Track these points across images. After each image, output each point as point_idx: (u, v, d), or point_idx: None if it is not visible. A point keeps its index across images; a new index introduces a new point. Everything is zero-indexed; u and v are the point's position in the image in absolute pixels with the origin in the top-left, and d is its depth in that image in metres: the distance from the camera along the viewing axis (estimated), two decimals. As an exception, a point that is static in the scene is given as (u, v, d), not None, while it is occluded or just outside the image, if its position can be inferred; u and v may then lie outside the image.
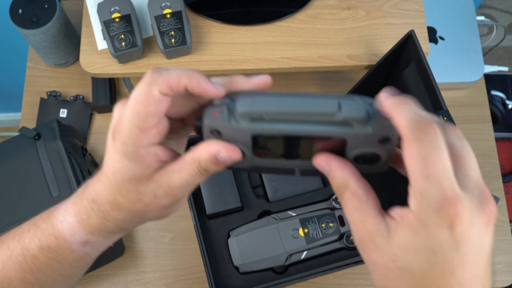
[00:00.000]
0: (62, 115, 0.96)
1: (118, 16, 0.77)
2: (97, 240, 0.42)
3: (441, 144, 0.31)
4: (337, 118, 0.34)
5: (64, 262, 0.43)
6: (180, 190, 0.38)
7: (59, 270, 0.44)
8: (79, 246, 0.42)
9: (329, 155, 0.36)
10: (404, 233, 0.32)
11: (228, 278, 0.80)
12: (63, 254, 0.42)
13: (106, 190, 0.39)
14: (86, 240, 0.42)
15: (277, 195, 0.85)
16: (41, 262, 0.43)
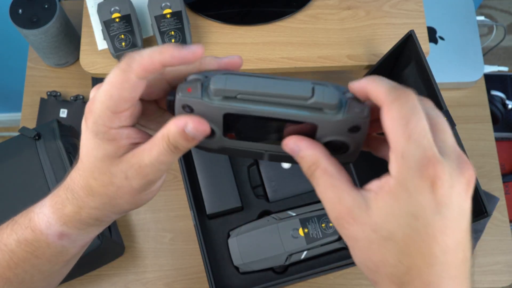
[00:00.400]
0: (62, 115, 0.97)
1: (118, 16, 0.77)
2: (73, 232, 0.41)
3: (420, 107, 0.32)
4: (309, 102, 0.35)
5: (42, 257, 0.42)
6: (151, 169, 0.36)
7: (38, 266, 0.42)
8: (56, 239, 0.41)
9: (299, 136, 0.36)
10: (384, 201, 0.32)
11: (228, 278, 0.80)
12: (40, 248, 0.41)
13: (80, 175, 0.39)
14: (61, 232, 0.41)
15: (277, 195, 0.85)
16: (19, 257, 0.42)
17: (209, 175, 0.83)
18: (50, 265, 0.43)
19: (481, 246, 0.91)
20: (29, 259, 0.42)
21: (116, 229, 0.89)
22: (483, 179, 0.95)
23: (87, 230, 0.42)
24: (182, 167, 0.81)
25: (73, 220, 0.40)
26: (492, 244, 0.91)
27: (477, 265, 0.90)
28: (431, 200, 0.30)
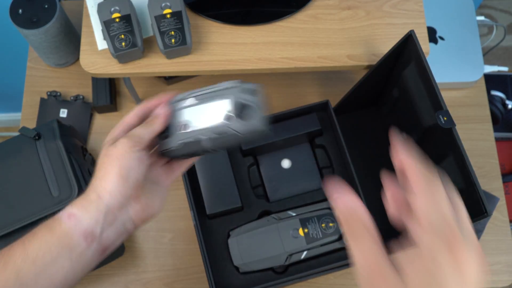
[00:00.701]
0: (62, 115, 0.97)
1: (118, 16, 0.77)
2: (78, 211, 0.51)
3: (445, 195, 0.41)
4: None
5: (53, 236, 0.50)
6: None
7: (51, 245, 0.50)
8: (66, 219, 0.51)
9: (345, 187, 0.45)
10: (416, 271, 0.38)
11: (228, 278, 0.80)
12: (54, 228, 0.51)
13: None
14: (69, 212, 0.52)
15: (277, 195, 0.85)
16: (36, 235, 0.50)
17: (209, 175, 0.83)
18: (60, 245, 0.50)
19: (482, 246, 0.91)
20: (45, 235, 0.50)
21: (116, 229, 0.89)
22: (483, 179, 0.95)
23: (88, 209, 0.51)
24: (182, 167, 0.82)
25: (80, 200, 0.52)
26: (492, 244, 0.91)
27: (477, 265, 0.90)
28: (457, 277, 0.36)
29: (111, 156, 0.53)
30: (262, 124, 0.50)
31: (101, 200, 0.52)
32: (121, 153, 0.53)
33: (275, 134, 0.85)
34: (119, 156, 0.52)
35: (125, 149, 0.53)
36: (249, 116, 0.51)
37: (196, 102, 0.55)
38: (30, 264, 0.48)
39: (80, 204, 0.52)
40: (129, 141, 0.53)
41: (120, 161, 0.52)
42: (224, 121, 0.52)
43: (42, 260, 0.49)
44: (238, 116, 0.51)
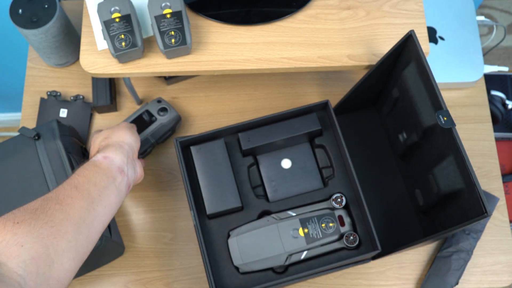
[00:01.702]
0: (62, 115, 0.96)
1: (118, 16, 0.77)
2: (110, 153, 0.70)
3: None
4: None
5: (101, 169, 0.67)
6: None
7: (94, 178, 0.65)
8: (103, 159, 0.69)
9: None
10: None
11: (228, 278, 0.80)
12: (98, 165, 0.68)
13: None
14: (104, 155, 0.70)
15: (277, 195, 0.85)
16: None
17: (209, 175, 0.83)
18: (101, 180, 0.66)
19: (481, 246, 0.91)
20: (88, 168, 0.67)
21: (116, 229, 0.89)
22: (483, 179, 0.95)
23: (116, 152, 0.71)
24: (182, 167, 0.81)
25: (105, 148, 0.72)
26: (492, 244, 0.91)
27: (477, 265, 0.90)
28: None
29: (120, 126, 0.78)
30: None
31: (122, 148, 0.72)
32: (126, 125, 0.79)
33: (275, 134, 0.85)
34: (127, 125, 0.79)
35: (127, 124, 0.80)
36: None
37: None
38: (93, 187, 0.63)
39: (108, 150, 0.71)
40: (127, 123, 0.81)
41: (130, 129, 0.78)
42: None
43: (100, 184, 0.65)
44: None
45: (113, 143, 0.73)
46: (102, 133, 0.77)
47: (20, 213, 0.55)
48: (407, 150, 0.85)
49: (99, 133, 0.78)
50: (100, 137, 0.76)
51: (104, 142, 0.74)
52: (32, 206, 0.57)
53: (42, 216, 0.55)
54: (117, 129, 0.77)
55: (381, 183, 0.91)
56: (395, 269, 0.90)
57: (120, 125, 0.79)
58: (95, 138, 0.78)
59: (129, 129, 0.78)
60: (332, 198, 0.82)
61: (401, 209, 0.90)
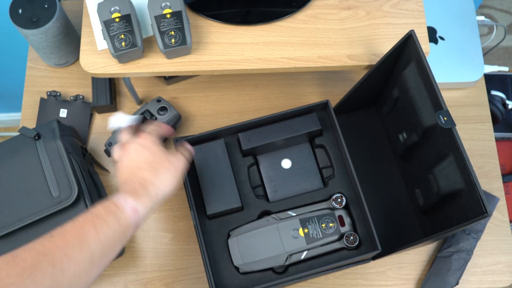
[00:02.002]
0: (62, 115, 0.96)
1: (118, 16, 0.77)
2: (140, 208, 0.62)
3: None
4: None
5: (120, 226, 0.59)
6: None
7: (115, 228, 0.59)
8: (130, 213, 0.60)
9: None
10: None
11: (228, 278, 0.80)
12: (120, 219, 0.59)
13: None
14: (134, 208, 0.61)
15: (277, 195, 0.85)
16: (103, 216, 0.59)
17: (209, 175, 0.83)
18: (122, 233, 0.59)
19: (482, 246, 0.91)
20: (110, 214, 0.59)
21: (116, 229, 0.89)
22: (483, 179, 0.95)
23: (145, 204, 0.62)
24: (182, 167, 0.81)
25: (140, 192, 0.63)
26: (492, 244, 0.91)
27: (477, 265, 0.90)
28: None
29: (178, 164, 0.69)
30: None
31: (156, 199, 0.64)
32: (182, 166, 0.69)
33: (275, 134, 0.85)
34: (180, 168, 0.69)
35: (186, 161, 0.71)
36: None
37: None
38: (100, 248, 0.56)
39: (141, 199, 0.62)
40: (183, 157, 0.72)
41: (182, 173, 0.68)
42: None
43: (108, 246, 0.57)
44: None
45: (153, 192, 0.64)
46: (149, 161, 0.66)
47: (4, 271, 0.49)
48: (407, 150, 0.85)
49: (143, 152, 0.67)
50: (144, 166, 0.65)
51: (145, 182, 0.64)
52: (24, 263, 0.50)
53: (27, 281, 0.49)
54: (167, 171, 0.66)
55: (381, 183, 0.91)
56: (395, 269, 0.90)
57: (175, 166, 0.68)
58: (137, 154, 0.67)
59: (180, 175, 0.68)
60: (332, 198, 0.82)
61: (401, 209, 0.90)
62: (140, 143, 0.68)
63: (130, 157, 0.67)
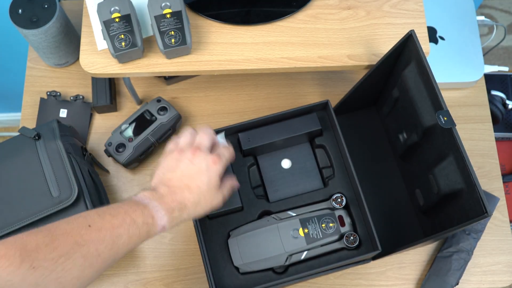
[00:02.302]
0: (62, 115, 0.96)
1: (118, 16, 0.77)
2: (168, 226, 0.63)
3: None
4: None
5: (147, 237, 0.61)
6: None
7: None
8: (159, 229, 0.62)
9: None
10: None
11: (228, 278, 0.80)
12: (150, 233, 0.61)
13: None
14: (164, 226, 0.62)
15: (277, 195, 0.85)
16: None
17: (209, 175, 0.83)
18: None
19: (482, 246, 0.91)
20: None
21: (116, 229, 0.89)
22: (483, 179, 0.95)
23: (173, 222, 0.63)
24: (182, 167, 0.81)
25: (176, 209, 0.63)
26: (492, 244, 0.91)
27: (477, 265, 0.90)
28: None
29: (215, 202, 0.68)
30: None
31: (179, 220, 0.64)
32: (217, 198, 0.68)
33: (275, 134, 0.85)
34: (216, 200, 0.68)
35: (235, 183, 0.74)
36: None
37: None
38: (124, 252, 0.58)
39: (173, 220, 0.62)
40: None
41: (214, 205, 0.68)
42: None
43: (130, 244, 0.58)
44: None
45: (184, 218, 0.64)
46: (204, 185, 0.65)
47: (42, 252, 0.51)
48: (407, 150, 0.85)
49: (208, 172, 0.66)
50: (195, 190, 0.65)
51: (187, 206, 0.64)
52: (60, 249, 0.52)
53: (59, 268, 0.51)
54: (209, 205, 0.67)
55: (381, 183, 0.91)
56: (395, 269, 0.90)
57: (219, 198, 0.68)
58: (198, 171, 0.65)
59: (226, 195, 0.69)
60: (332, 198, 0.82)
61: (401, 209, 0.90)
62: (209, 165, 0.65)
63: (192, 169, 0.65)
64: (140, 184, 0.93)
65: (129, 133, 0.91)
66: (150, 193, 0.63)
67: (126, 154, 0.90)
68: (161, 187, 0.64)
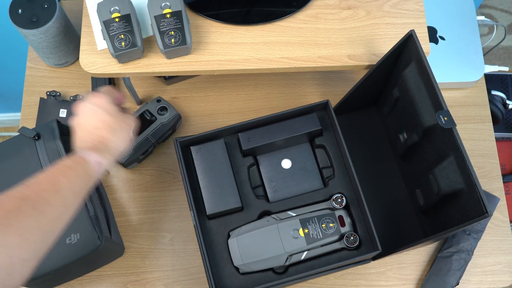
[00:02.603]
0: (62, 115, 0.96)
1: (118, 16, 0.77)
2: (103, 162, 0.68)
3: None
4: None
5: (89, 178, 0.66)
6: None
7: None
8: (96, 167, 0.67)
9: None
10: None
11: (228, 278, 0.80)
12: (89, 173, 0.66)
13: None
14: (99, 162, 0.67)
15: (277, 195, 0.85)
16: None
17: (209, 175, 0.83)
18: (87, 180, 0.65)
19: (482, 246, 0.91)
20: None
21: (116, 229, 0.89)
22: (483, 179, 0.95)
23: (107, 158, 0.68)
24: (182, 168, 0.81)
25: (101, 149, 0.69)
26: (492, 244, 0.91)
27: (478, 265, 0.90)
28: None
29: (128, 127, 0.73)
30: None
31: (115, 155, 0.70)
32: (133, 128, 0.75)
33: (275, 134, 0.85)
34: (133, 129, 0.75)
35: (134, 125, 0.76)
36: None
37: None
38: (72, 195, 0.62)
39: (103, 154, 0.68)
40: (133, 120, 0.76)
41: (133, 134, 0.75)
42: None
43: (77, 193, 0.63)
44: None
45: (112, 149, 0.70)
46: (105, 120, 0.70)
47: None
48: (408, 150, 0.85)
49: (98, 111, 0.71)
50: (101, 125, 0.70)
51: (104, 139, 0.69)
52: (8, 207, 0.55)
53: (14, 222, 0.53)
54: (122, 129, 0.72)
55: (382, 183, 0.91)
56: (396, 270, 0.90)
57: (128, 125, 0.74)
58: (93, 114, 0.71)
59: (132, 135, 0.75)
60: (332, 198, 0.82)
61: (402, 209, 0.89)
62: (95, 103, 0.71)
63: (86, 117, 0.71)
64: (140, 184, 0.93)
65: (129, 133, 0.91)
66: (73, 152, 0.68)
67: (126, 154, 0.90)
68: (77, 144, 0.70)
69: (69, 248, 0.76)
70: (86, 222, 0.77)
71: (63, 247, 0.75)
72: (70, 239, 0.76)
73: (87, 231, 0.76)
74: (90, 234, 0.76)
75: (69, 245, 0.76)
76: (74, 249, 0.76)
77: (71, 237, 0.76)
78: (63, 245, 0.75)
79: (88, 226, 0.77)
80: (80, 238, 0.76)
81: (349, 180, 0.84)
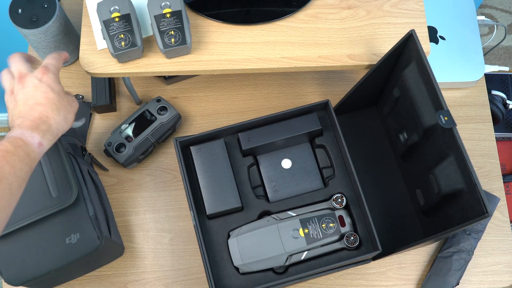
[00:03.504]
0: (61, 115, 0.96)
1: (117, 15, 0.77)
2: (44, 142, 0.65)
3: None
4: None
5: (30, 160, 0.63)
6: None
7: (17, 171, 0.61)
8: (37, 147, 0.64)
9: None
10: None
11: (228, 278, 0.80)
12: (29, 154, 0.63)
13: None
14: (40, 142, 0.64)
15: (277, 195, 0.85)
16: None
17: (209, 175, 0.83)
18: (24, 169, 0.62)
19: (482, 246, 0.91)
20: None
21: (116, 229, 0.89)
22: (483, 179, 0.95)
23: (48, 137, 0.65)
24: (181, 167, 0.81)
25: (41, 126, 0.65)
26: (493, 244, 0.91)
27: (478, 265, 0.90)
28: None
29: (72, 106, 0.71)
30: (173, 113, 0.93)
31: (57, 135, 0.67)
32: (77, 105, 0.73)
33: (275, 134, 0.84)
34: (76, 108, 0.72)
35: (76, 101, 0.73)
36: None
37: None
38: (16, 181, 0.60)
39: (44, 134, 0.65)
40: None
41: (74, 108, 0.71)
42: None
43: (21, 178, 0.61)
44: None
45: (55, 128, 0.67)
46: (50, 97, 0.68)
47: None
48: (408, 150, 0.85)
49: (43, 87, 0.68)
50: (45, 102, 0.67)
51: (47, 118, 0.66)
52: None
53: None
54: (67, 109, 0.69)
55: (382, 183, 0.91)
56: (396, 270, 0.89)
57: (72, 106, 0.71)
58: (37, 89, 0.68)
59: (75, 113, 0.72)
60: (332, 198, 0.82)
61: (402, 209, 0.89)
62: (40, 79, 0.68)
63: (29, 91, 0.67)
64: (140, 184, 0.93)
65: (128, 133, 0.91)
66: (10, 131, 0.65)
67: (125, 154, 0.90)
68: (16, 120, 0.66)
69: (69, 248, 0.75)
70: (86, 222, 0.77)
71: (63, 247, 0.75)
72: (70, 239, 0.76)
73: (87, 231, 0.76)
74: (90, 234, 0.76)
75: (69, 245, 0.76)
76: (74, 249, 0.76)
77: (71, 237, 0.76)
78: (63, 245, 0.75)
79: (88, 226, 0.77)
80: (80, 238, 0.76)
81: (349, 180, 0.84)
